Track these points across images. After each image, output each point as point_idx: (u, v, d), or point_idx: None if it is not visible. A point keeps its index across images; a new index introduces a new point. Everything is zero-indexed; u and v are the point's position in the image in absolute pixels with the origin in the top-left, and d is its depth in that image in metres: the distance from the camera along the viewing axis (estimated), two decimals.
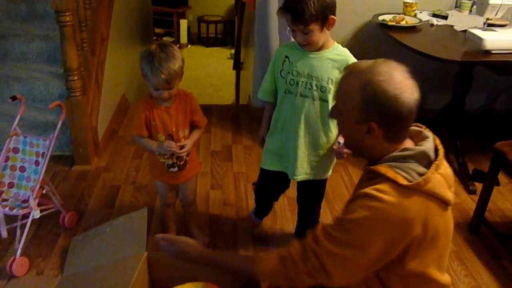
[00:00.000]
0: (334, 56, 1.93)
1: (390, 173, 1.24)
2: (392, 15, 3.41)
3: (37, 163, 2.38)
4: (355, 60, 1.94)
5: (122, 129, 3.69)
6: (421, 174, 1.24)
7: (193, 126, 2.16)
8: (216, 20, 8.76)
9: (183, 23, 8.47)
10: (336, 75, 1.91)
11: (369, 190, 1.23)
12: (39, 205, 2.30)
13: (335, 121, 2.07)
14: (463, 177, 3.08)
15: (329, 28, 1.85)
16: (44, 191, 2.35)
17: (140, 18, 5.46)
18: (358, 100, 1.24)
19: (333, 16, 1.82)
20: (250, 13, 4.15)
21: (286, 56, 1.97)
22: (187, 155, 2.17)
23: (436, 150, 1.32)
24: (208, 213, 2.73)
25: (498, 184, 2.58)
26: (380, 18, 3.40)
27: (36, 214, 2.24)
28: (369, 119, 1.24)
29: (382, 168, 1.26)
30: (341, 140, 2.04)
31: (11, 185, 2.38)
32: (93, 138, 3.17)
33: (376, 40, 3.66)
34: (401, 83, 1.21)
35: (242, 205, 2.82)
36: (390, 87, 1.20)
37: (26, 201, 2.28)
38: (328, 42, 1.92)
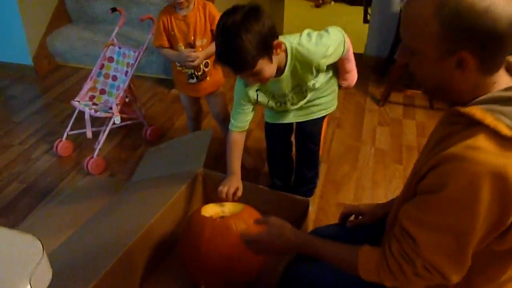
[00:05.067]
0: (299, 59, 1.66)
1: (488, 119, 0.91)
2: None
3: (126, 73, 2.46)
4: (314, 50, 1.64)
5: None
6: None
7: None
8: None
9: None
10: (313, 70, 1.69)
11: (459, 149, 0.91)
12: (122, 112, 2.39)
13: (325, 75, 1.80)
14: None
15: (278, 53, 1.57)
16: (127, 100, 2.43)
17: None
18: (435, 27, 0.91)
19: (277, 40, 1.53)
20: None
21: (257, 90, 1.75)
22: (206, 66, 2.12)
23: None
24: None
25: None
26: None
27: (117, 119, 2.33)
28: (457, 48, 0.92)
29: (478, 112, 0.92)
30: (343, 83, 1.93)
31: (102, 92, 2.50)
32: None
33: None
34: None
35: None
36: None
37: (112, 108, 2.38)
38: (284, 59, 1.65)
